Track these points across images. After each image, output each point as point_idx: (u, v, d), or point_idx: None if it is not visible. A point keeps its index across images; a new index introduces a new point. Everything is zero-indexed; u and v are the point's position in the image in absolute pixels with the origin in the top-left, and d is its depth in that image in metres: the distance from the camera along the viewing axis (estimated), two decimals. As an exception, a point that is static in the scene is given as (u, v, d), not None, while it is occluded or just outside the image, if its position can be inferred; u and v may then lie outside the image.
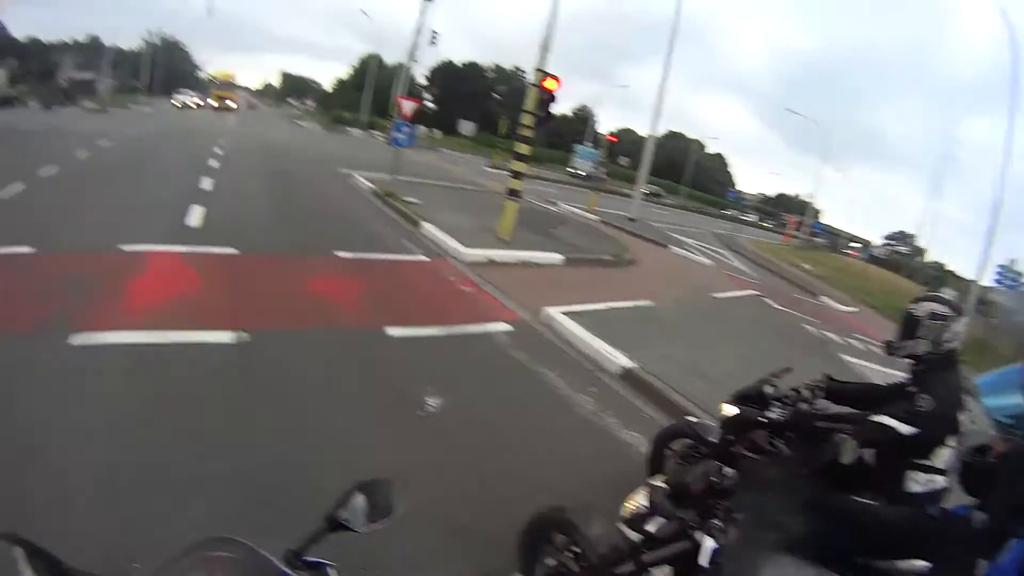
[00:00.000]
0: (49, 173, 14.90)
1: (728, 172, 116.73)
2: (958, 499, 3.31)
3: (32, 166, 15.35)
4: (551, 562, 3.20)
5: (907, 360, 3.59)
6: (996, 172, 26.29)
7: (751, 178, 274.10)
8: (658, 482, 3.14)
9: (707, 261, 21.63)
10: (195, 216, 11.42)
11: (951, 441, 3.26)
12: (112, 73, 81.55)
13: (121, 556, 3.19)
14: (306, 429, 4.84)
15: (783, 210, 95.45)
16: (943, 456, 3.23)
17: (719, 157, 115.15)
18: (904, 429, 3.25)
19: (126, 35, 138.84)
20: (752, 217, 77.17)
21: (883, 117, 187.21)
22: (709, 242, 31.21)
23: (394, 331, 7.27)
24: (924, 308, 3.49)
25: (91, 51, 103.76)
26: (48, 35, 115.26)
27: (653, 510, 2.90)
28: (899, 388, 3.66)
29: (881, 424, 3.33)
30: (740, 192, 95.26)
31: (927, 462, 3.29)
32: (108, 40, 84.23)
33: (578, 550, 2.99)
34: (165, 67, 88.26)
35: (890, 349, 3.66)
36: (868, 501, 3.28)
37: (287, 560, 1.61)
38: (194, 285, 7.85)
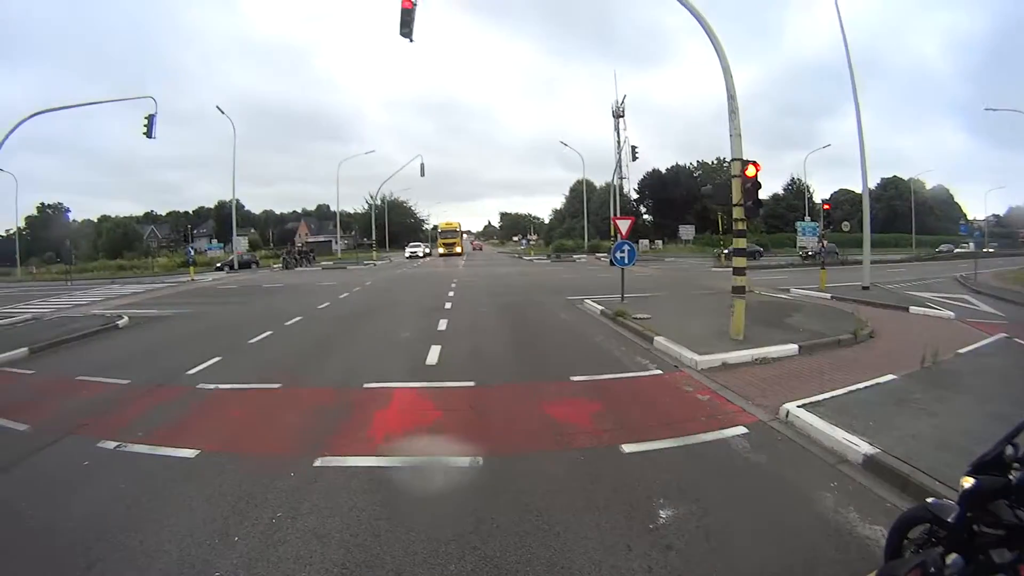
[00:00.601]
0: (294, 321, 16.79)
1: (955, 203, 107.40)
2: None
3: (279, 317, 17.43)
4: None
5: None
6: None
7: (978, 201, 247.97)
8: None
9: (950, 314, 19.83)
10: (432, 355, 12.43)
11: None
12: (344, 233, 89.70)
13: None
14: (534, 542, 5.11)
15: (1019, 227, 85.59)
16: None
17: (941, 189, 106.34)
18: None
19: (351, 200, 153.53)
20: (969, 247, 70.51)
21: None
22: (950, 290, 28.85)
23: (629, 447, 7.42)
24: None
25: (321, 217, 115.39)
26: (281, 207, 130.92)
27: None
28: None
29: None
30: (972, 221, 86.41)
31: None
32: (335, 206, 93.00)
33: None
34: (391, 223, 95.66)
35: None
36: None
37: None
38: (431, 416, 8.65)
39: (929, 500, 4.44)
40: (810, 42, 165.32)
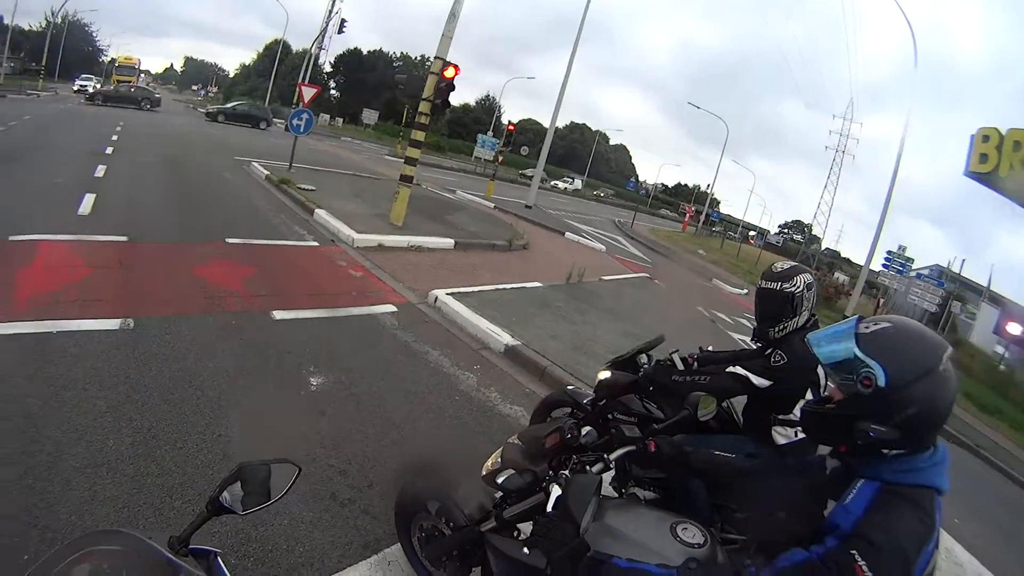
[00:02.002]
0: None
1: (631, 164, 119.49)
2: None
3: None
4: (426, 525, 3.30)
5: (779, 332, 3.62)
6: (889, 166, 28.49)
7: (653, 169, 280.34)
8: (514, 440, 3.16)
9: (601, 247, 22.05)
10: (86, 204, 11.04)
11: (811, 394, 3.38)
12: (11, 55, 77.04)
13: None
14: (189, 408, 4.80)
15: (682, 199, 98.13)
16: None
17: (622, 148, 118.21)
18: (758, 381, 3.41)
19: (29, 15, 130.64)
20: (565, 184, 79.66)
21: (783, 113, 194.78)
22: (607, 230, 31.78)
23: (280, 314, 7.22)
24: (799, 281, 3.53)
25: None
26: None
27: (505, 465, 2.90)
28: (763, 349, 3.74)
29: (734, 375, 3.48)
30: (641, 182, 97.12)
31: (791, 417, 3.40)
32: (7, 17, 78.98)
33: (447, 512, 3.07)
34: (67, 50, 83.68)
35: (770, 336, 3.65)
36: (725, 454, 3.36)
37: (172, 548, 1.63)
38: (80, 274, 7.59)
39: (569, 387, 4.89)
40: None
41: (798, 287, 3.52)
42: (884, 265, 29.86)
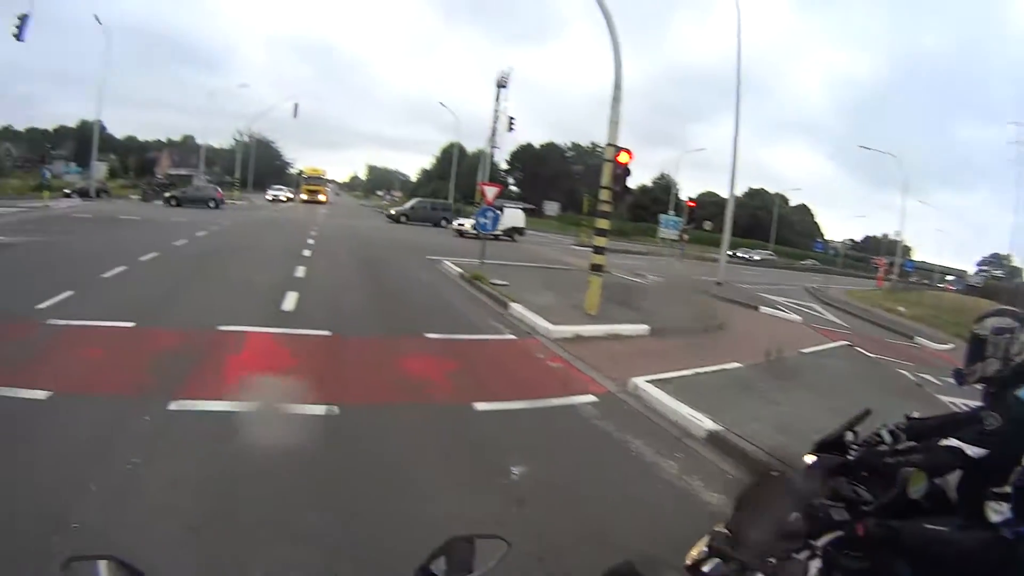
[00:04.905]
0: (149, 257, 15.88)
1: (814, 222, 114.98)
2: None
3: (134, 251, 16.36)
4: None
5: (981, 385, 3.45)
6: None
7: (837, 225, 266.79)
8: (720, 528, 3.17)
9: (797, 318, 21.32)
10: (289, 301, 12.03)
11: None
12: (207, 170, 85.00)
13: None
14: (389, 493, 5.05)
15: (872, 253, 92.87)
16: None
17: (803, 208, 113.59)
18: (972, 451, 3.16)
19: (218, 135, 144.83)
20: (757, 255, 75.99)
21: (956, 133, 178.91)
22: (800, 298, 30.72)
23: (481, 406, 7.45)
24: (987, 325, 3.37)
25: (186, 149, 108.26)
26: (145, 134, 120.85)
27: (712, 554, 2.94)
28: (976, 412, 3.49)
29: (948, 448, 3.25)
30: (827, 241, 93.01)
31: (1007, 489, 3.06)
32: (201, 139, 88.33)
33: None
34: (257, 164, 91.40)
35: (959, 378, 3.54)
36: (937, 527, 3.08)
37: None
38: (287, 363, 8.32)
39: (773, 472, 4.77)
40: (692, 50, 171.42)
41: (984, 330, 3.38)
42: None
